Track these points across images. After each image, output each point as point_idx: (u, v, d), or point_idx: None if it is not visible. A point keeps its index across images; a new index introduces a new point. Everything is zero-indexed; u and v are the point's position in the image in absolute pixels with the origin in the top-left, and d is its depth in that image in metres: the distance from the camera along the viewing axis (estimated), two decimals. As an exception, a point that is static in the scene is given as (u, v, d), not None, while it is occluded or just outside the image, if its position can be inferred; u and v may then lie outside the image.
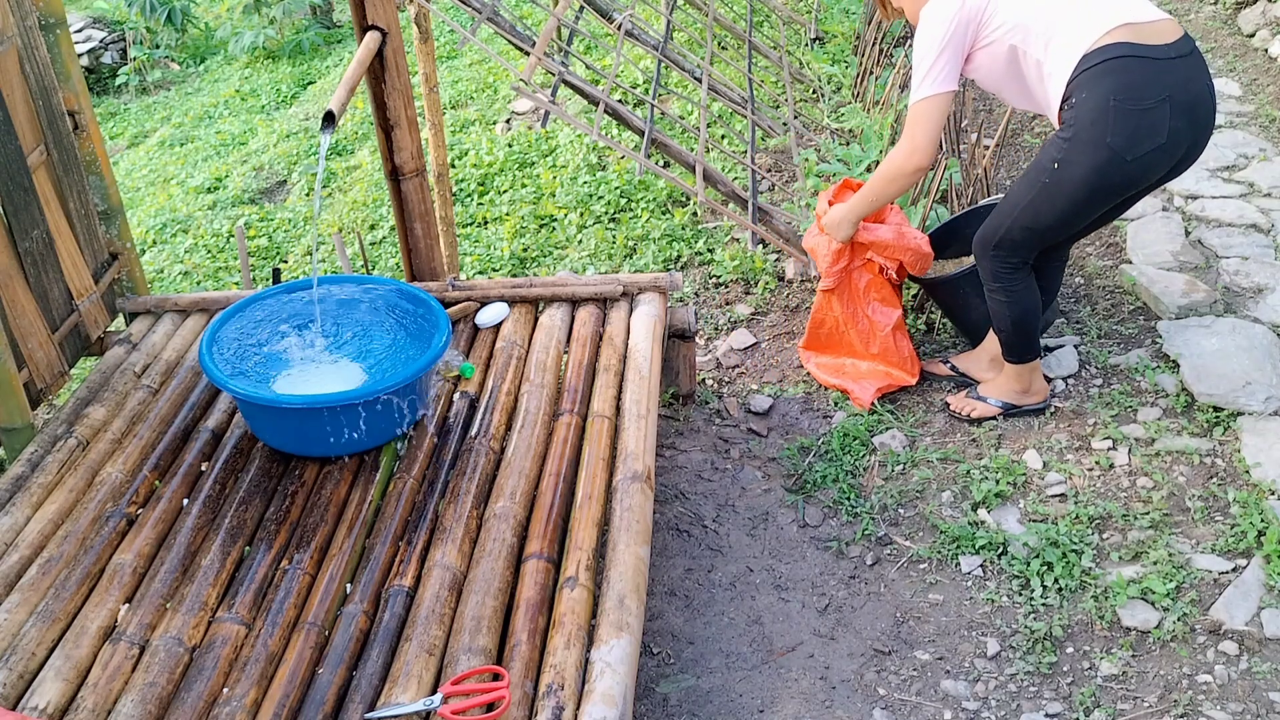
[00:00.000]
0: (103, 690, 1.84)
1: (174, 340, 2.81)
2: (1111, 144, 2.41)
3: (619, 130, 4.63)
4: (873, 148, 3.62)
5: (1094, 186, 2.50)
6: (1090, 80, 2.40)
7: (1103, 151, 2.43)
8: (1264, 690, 2.16)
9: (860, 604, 2.47)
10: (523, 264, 4.14)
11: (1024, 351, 2.81)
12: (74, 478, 2.33)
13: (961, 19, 2.52)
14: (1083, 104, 2.42)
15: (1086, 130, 2.42)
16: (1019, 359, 2.83)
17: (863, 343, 3.07)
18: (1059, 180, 2.51)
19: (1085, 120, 2.42)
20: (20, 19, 2.57)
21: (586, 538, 2.08)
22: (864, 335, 3.07)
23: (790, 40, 5.65)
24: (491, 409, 2.46)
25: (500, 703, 1.73)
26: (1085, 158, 2.45)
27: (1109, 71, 2.38)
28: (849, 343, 3.11)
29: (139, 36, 8.24)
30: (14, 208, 2.55)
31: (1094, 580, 2.42)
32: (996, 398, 2.92)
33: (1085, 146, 2.44)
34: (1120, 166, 2.44)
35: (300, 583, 2.04)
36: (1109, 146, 2.42)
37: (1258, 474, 2.61)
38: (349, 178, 5.35)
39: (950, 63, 2.54)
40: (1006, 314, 2.76)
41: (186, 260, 4.83)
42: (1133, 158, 2.43)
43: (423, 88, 3.41)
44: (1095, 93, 2.39)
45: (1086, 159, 2.45)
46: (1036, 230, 2.63)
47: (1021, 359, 2.82)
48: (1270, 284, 3.28)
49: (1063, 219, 2.59)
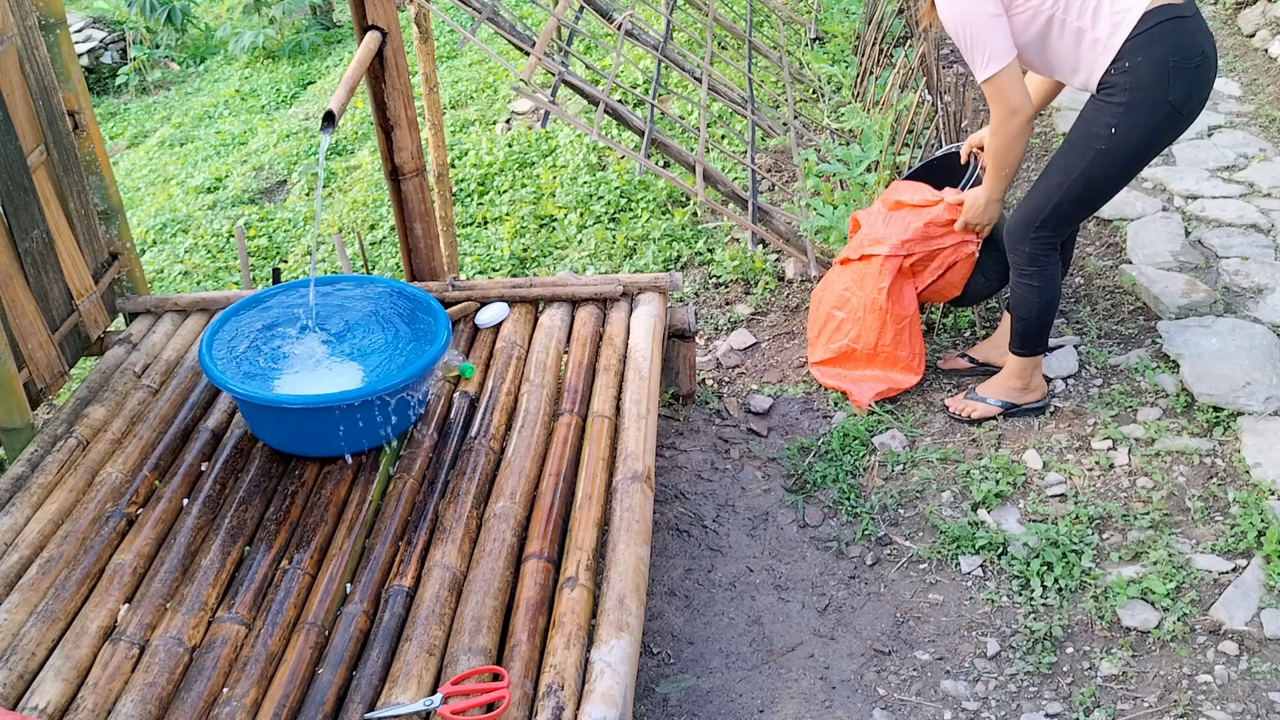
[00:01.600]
0: (103, 690, 1.84)
1: (174, 340, 2.81)
2: (1173, 101, 2.52)
3: (619, 130, 4.63)
4: (873, 148, 3.62)
5: (1152, 144, 2.60)
6: (1145, 44, 2.47)
7: (1162, 109, 2.53)
8: (1264, 690, 2.16)
9: (860, 604, 2.47)
10: (523, 264, 4.14)
11: (1038, 343, 2.84)
12: (74, 478, 2.33)
13: None
14: (1139, 66, 2.48)
15: (1145, 91, 2.50)
16: (1030, 351, 2.85)
17: (876, 330, 3.03)
18: (1117, 143, 2.56)
19: (1144, 81, 2.49)
20: (20, 19, 2.57)
21: (586, 538, 2.08)
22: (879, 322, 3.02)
23: (790, 40, 5.65)
24: (491, 409, 2.46)
25: (500, 703, 1.73)
26: (1145, 117, 2.53)
27: (1164, 34, 2.46)
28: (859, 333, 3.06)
29: (139, 36, 8.24)
30: (14, 208, 2.55)
31: (1094, 580, 2.42)
32: (996, 397, 2.92)
33: (1145, 106, 2.52)
34: (1176, 121, 2.57)
35: (300, 583, 2.04)
36: (1169, 104, 2.52)
37: (1258, 474, 2.61)
38: (349, 178, 5.35)
39: (1001, 28, 2.55)
40: (1036, 300, 2.77)
41: (186, 260, 4.83)
42: (1187, 112, 2.56)
43: (423, 88, 3.41)
44: (1152, 55, 2.47)
45: (1146, 118, 2.53)
46: (1087, 199, 2.68)
47: (1033, 351, 2.85)
48: (1270, 284, 3.28)
49: (1117, 182, 2.67)
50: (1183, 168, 4.04)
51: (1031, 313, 2.80)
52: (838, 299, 3.10)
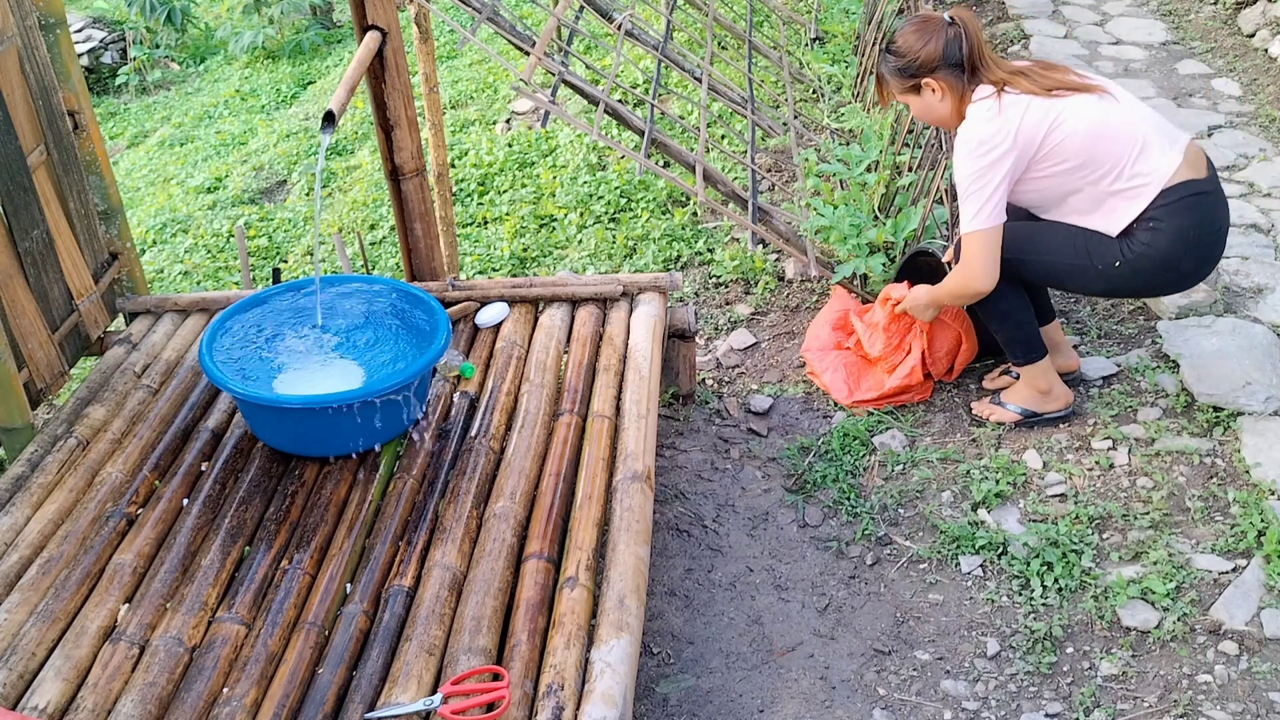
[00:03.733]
0: (103, 690, 1.84)
1: (174, 340, 2.81)
2: (1183, 270, 2.59)
3: (619, 130, 4.63)
4: (873, 148, 3.61)
5: (1138, 290, 2.71)
6: (1168, 214, 2.51)
7: (1170, 273, 2.59)
8: (1264, 690, 2.16)
9: (860, 604, 2.47)
10: (523, 264, 4.14)
11: (1029, 350, 2.80)
12: (74, 478, 2.33)
13: (1017, 155, 2.52)
14: (1161, 230, 2.52)
15: (1160, 254, 2.54)
16: (1025, 359, 2.81)
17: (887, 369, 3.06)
18: (1113, 274, 2.60)
19: (1161, 246, 2.53)
20: (20, 19, 2.57)
21: (586, 538, 2.08)
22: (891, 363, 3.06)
23: (790, 40, 5.65)
24: (491, 409, 2.46)
25: (500, 703, 1.73)
26: (1150, 274, 2.58)
27: (1189, 208, 2.50)
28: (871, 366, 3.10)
29: (139, 36, 8.24)
30: (14, 208, 2.55)
31: (1094, 580, 2.42)
32: (1018, 404, 2.88)
33: (1155, 267, 2.56)
34: (1175, 285, 2.66)
35: (300, 583, 2.04)
36: (1178, 269, 2.58)
37: (1258, 474, 2.61)
38: (349, 178, 5.35)
39: (1002, 195, 2.57)
40: (1007, 310, 2.75)
41: (186, 260, 4.83)
42: (1190, 282, 2.66)
43: (423, 88, 3.41)
44: (1174, 224, 2.51)
45: (1151, 274, 2.59)
46: (1052, 281, 2.73)
47: (1029, 359, 2.81)
48: (1270, 284, 3.28)
49: (1087, 292, 2.73)
50: (1183, 168, 4.04)
51: (1003, 327, 2.78)
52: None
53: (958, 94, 2.60)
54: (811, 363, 3.19)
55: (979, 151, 2.52)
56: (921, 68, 2.60)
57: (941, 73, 2.58)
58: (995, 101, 2.52)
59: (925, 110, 2.68)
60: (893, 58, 2.65)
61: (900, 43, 2.62)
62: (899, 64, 2.63)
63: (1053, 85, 2.53)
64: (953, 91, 2.60)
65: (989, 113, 2.52)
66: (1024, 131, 2.50)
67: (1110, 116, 2.51)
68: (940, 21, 2.60)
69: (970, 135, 2.55)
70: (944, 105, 2.63)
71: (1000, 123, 2.50)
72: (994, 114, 2.51)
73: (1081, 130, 2.49)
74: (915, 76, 2.62)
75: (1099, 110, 2.51)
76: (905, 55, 2.61)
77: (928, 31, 2.59)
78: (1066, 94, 2.52)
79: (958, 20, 2.58)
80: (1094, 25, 5.62)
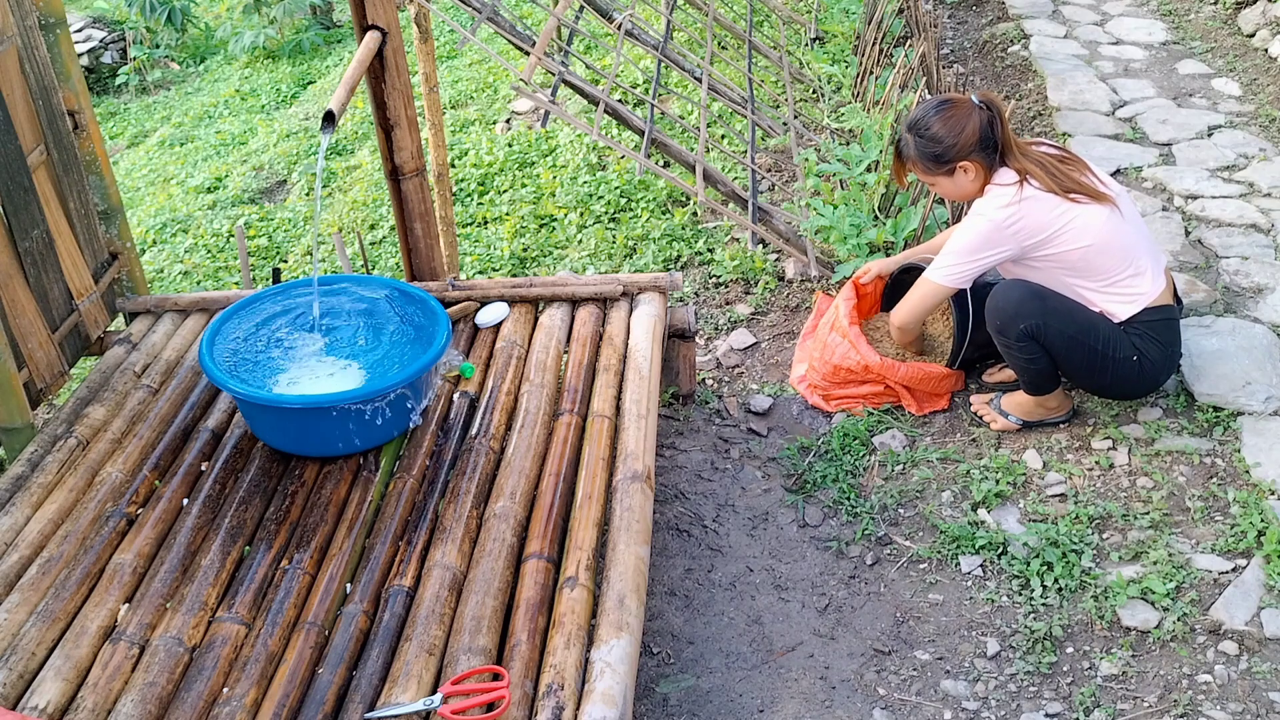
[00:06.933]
0: (103, 690, 1.84)
1: (174, 340, 2.81)
2: (1160, 380, 2.77)
3: (619, 130, 4.63)
4: (873, 148, 3.62)
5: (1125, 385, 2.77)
6: (1151, 328, 2.67)
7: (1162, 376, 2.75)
8: (1264, 690, 2.16)
9: (860, 604, 2.47)
10: (523, 264, 4.14)
11: (1041, 386, 2.78)
12: (74, 477, 2.33)
13: (1013, 251, 2.65)
14: (1150, 343, 2.67)
15: (1153, 360, 2.69)
16: (1037, 391, 2.80)
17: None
18: (1107, 360, 2.67)
19: (1155, 354, 2.68)
20: (20, 19, 2.57)
21: (586, 538, 2.08)
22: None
23: (790, 40, 5.65)
24: (491, 409, 2.46)
25: (500, 703, 1.73)
26: (1145, 371, 2.70)
27: (1168, 328, 2.70)
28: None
29: (139, 36, 8.24)
30: (14, 207, 2.55)
31: (1094, 580, 2.42)
32: (1020, 416, 2.86)
33: (1150, 368, 2.69)
34: (1151, 385, 2.78)
35: (300, 583, 2.04)
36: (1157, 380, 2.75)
37: (1258, 474, 2.61)
38: (349, 178, 5.35)
39: (978, 271, 2.72)
40: (1027, 363, 2.73)
41: (186, 260, 4.84)
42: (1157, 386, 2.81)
43: (423, 88, 3.41)
44: (1160, 339, 2.68)
45: (1146, 372, 2.70)
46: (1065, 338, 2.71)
47: (1040, 391, 2.80)
48: (1270, 284, 3.28)
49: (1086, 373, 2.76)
50: (1183, 167, 4.04)
51: (1030, 371, 2.74)
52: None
53: (986, 171, 2.66)
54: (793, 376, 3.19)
55: (986, 229, 2.63)
56: (959, 153, 2.64)
57: (976, 155, 2.63)
58: (1017, 190, 2.60)
59: (956, 189, 2.73)
60: (927, 143, 2.66)
61: (935, 129, 2.65)
62: (936, 150, 2.66)
63: (1070, 187, 2.61)
64: (984, 171, 2.66)
65: (1008, 197, 2.61)
66: (1031, 230, 2.61)
67: (1113, 239, 2.61)
68: (970, 104, 2.64)
69: (985, 211, 2.63)
70: (975, 184, 2.70)
71: (1013, 212, 2.60)
72: (1013, 201, 2.60)
73: (1084, 244, 2.60)
74: (951, 162, 2.65)
75: (1107, 227, 2.60)
76: (942, 141, 2.64)
77: (962, 116, 2.63)
78: (1082, 200, 2.60)
79: (987, 104, 2.64)
80: (1094, 25, 5.63)
